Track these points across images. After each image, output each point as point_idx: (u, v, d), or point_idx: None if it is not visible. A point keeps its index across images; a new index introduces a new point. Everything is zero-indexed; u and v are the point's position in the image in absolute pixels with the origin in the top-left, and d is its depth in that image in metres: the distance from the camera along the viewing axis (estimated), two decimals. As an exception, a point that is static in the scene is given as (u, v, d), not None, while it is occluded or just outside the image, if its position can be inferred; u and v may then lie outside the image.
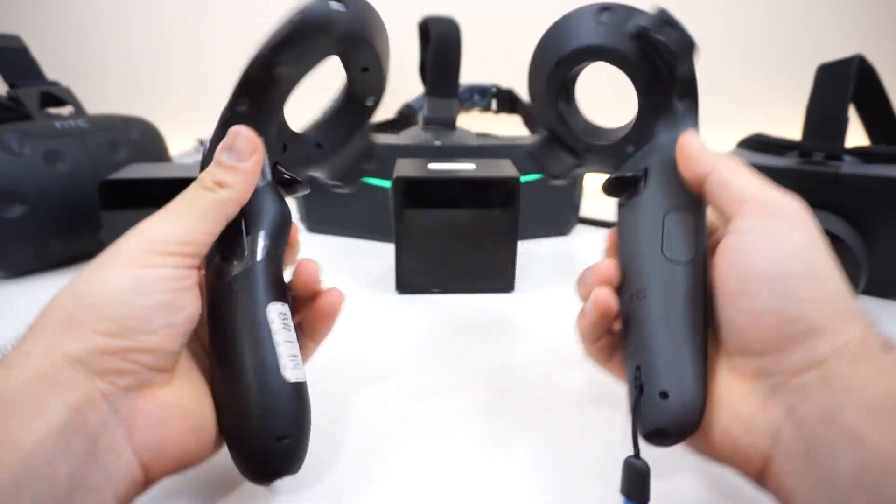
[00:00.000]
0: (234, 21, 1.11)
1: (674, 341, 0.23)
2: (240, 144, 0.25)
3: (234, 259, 0.25)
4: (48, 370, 0.19)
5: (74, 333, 0.20)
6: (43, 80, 0.63)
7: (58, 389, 0.19)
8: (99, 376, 0.20)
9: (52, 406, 0.19)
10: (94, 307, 0.21)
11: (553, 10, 0.31)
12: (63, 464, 0.18)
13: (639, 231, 0.27)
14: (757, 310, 0.21)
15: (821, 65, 0.53)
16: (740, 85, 1.07)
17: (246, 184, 0.25)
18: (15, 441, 0.18)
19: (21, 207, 0.53)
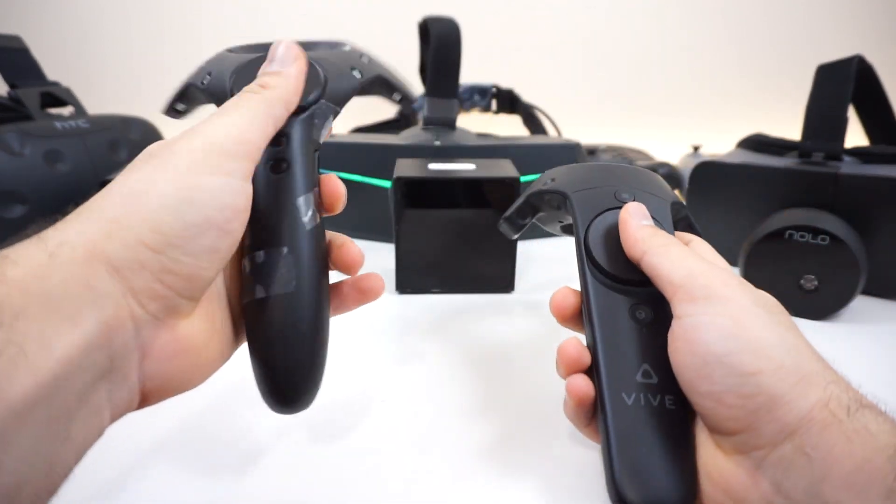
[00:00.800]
0: (234, 21, 1.11)
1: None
2: (281, 53, 0.25)
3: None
4: (88, 275, 0.18)
5: (120, 237, 0.19)
6: (43, 80, 0.63)
7: (94, 300, 0.18)
8: (132, 294, 0.19)
9: (87, 318, 0.18)
10: (144, 213, 0.20)
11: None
12: (80, 380, 0.17)
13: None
14: (716, 391, 0.21)
15: (820, 65, 0.53)
16: (740, 85, 1.07)
17: (291, 86, 0.25)
18: (49, 346, 0.17)
19: (21, 207, 0.53)
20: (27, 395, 0.16)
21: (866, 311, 0.48)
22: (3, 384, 0.15)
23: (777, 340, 0.21)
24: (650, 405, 0.24)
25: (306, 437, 0.32)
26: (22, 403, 0.16)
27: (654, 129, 1.10)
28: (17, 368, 0.16)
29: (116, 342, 0.19)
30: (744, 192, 0.52)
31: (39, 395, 0.16)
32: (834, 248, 0.44)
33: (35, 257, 0.18)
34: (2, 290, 0.17)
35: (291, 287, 0.24)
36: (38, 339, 0.16)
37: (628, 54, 1.10)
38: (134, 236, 0.19)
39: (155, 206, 0.20)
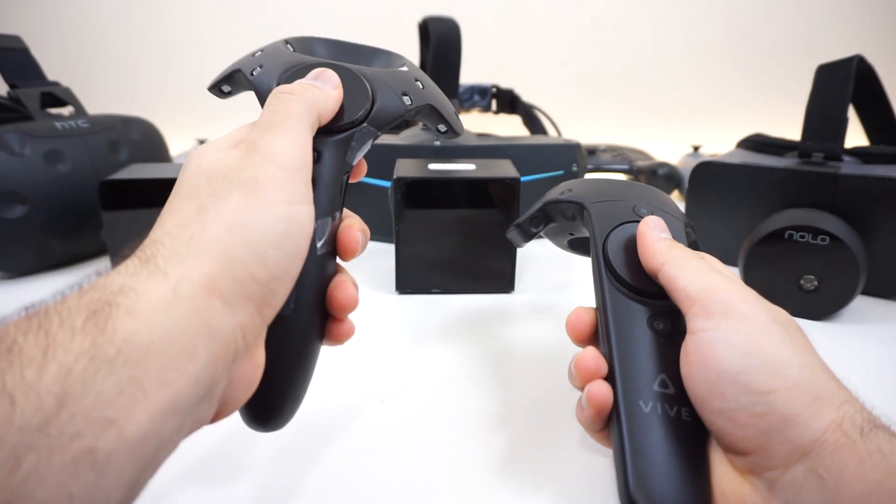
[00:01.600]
0: (234, 21, 1.11)
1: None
2: (322, 75, 0.26)
3: None
4: (206, 311, 0.18)
5: (231, 273, 0.19)
6: (43, 80, 0.63)
7: (209, 336, 0.18)
8: (240, 328, 0.20)
9: (201, 353, 0.18)
10: (252, 246, 0.20)
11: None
12: (185, 410, 0.18)
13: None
14: (729, 409, 0.21)
15: (820, 65, 0.53)
16: (740, 85, 1.07)
17: (329, 99, 0.25)
18: (166, 383, 0.17)
19: (21, 208, 0.53)
20: (142, 430, 0.16)
21: (866, 311, 0.48)
22: (123, 420, 0.15)
23: (793, 359, 0.21)
24: (666, 415, 0.23)
25: (306, 437, 0.32)
26: (136, 438, 0.16)
27: (654, 129, 1.10)
28: (136, 406, 0.16)
29: (218, 373, 0.19)
30: (744, 192, 0.52)
31: (152, 430, 0.16)
32: (834, 249, 0.44)
33: (159, 293, 0.18)
34: (131, 325, 0.17)
35: (289, 310, 0.23)
36: (158, 376, 0.17)
37: (629, 54, 1.10)
38: (245, 271, 0.20)
39: (261, 239, 0.20)
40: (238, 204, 0.21)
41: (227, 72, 0.29)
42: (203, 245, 0.20)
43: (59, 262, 0.58)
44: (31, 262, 0.55)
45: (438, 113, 0.30)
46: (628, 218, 0.31)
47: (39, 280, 0.55)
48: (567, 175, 0.65)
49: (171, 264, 0.19)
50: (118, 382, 0.16)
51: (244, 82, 0.29)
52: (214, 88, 0.30)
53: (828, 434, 0.19)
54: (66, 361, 0.15)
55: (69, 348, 0.16)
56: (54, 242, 0.56)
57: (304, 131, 0.23)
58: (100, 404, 0.15)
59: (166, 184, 0.53)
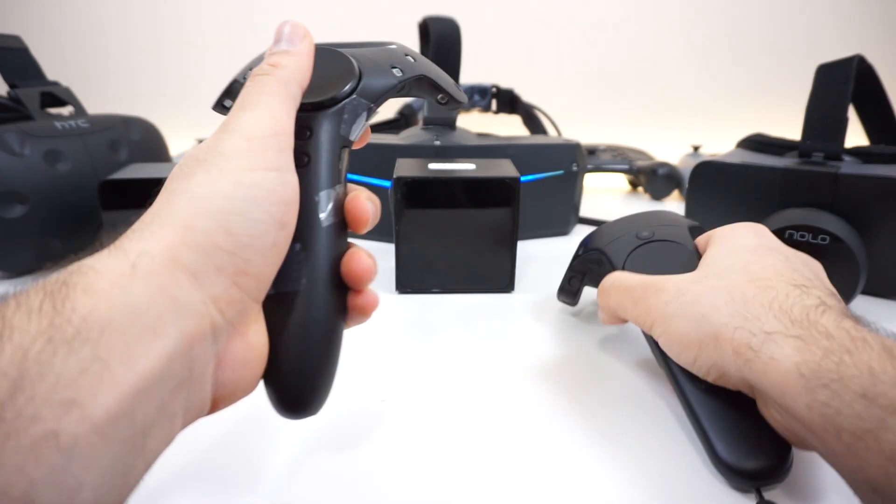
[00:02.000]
0: (234, 21, 1.11)
1: None
2: (287, 32, 0.25)
3: None
4: (170, 285, 0.18)
5: (194, 243, 0.19)
6: (43, 80, 0.63)
7: (176, 311, 0.18)
8: (213, 301, 0.19)
9: (169, 330, 0.18)
10: (214, 216, 0.20)
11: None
12: (161, 391, 0.17)
13: None
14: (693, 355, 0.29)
15: (821, 65, 0.53)
16: (740, 85, 1.07)
17: (302, 64, 0.24)
18: (127, 360, 0.16)
19: (21, 207, 0.53)
20: (110, 411, 0.15)
21: (866, 311, 0.47)
22: (88, 401, 0.15)
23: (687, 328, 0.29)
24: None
25: (305, 437, 0.32)
26: (105, 420, 0.15)
27: (654, 129, 1.10)
28: (100, 385, 0.15)
29: (196, 352, 0.19)
30: (744, 191, 0.52)
31: (121, 410, 0.16)
32: (834, 248, 0.44)
33: (118, 268, 0.18)
34: (89, 303, 0.16)
35: (300, 286, 0.23)
36: (122, 354, 0.16)
37: (628, 54, 1.10)
38: (208, 240, 0.19)
39: (222, 207, 0.20)
40: (200, 178, 0.21)
41: (226, 87, 0.29)
42: (163, 220, 0.20)
43: (58, 263, 0.58)
44: (30, 262, 0.55)
45: (434, 83, 0.30)
46: (634, 245, 0.39)
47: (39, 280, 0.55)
48: (567, 175, 0.65)
49: (131, 243, 0.19)
50: (79, 362, 0.15)
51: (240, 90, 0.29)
52: (218, 106, 0.30)
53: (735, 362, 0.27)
54: (22, 343, 0.15)
55: (26, 330, 0.15)
56: (54, 242, 0.56)
57: (277, 104, 0.23)
58: (60, 386, 0.15)
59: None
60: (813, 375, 0.21)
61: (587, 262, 0.43)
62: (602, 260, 0.41)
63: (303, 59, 0.24)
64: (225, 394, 0.21)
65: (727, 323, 0.26)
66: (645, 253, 0.39)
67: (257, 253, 0.20)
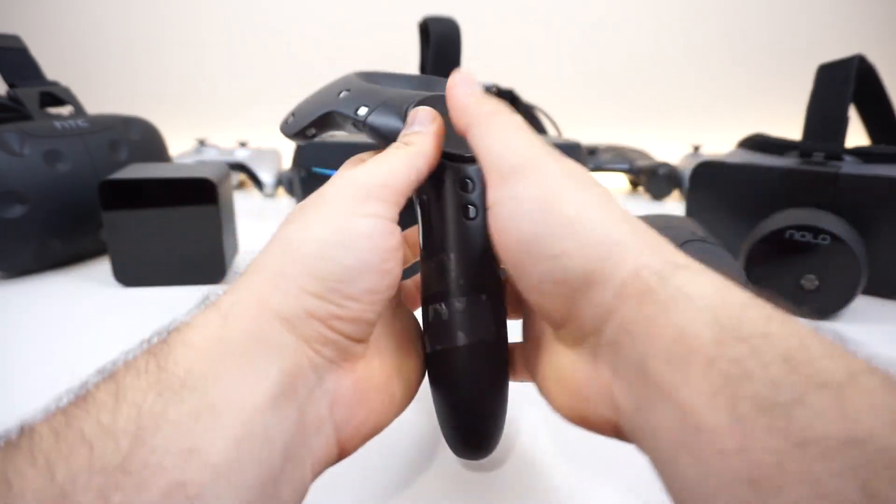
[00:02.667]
0: (234, 22, 1.11)
1: None
2: (421, 117, 0.25)
3: None
4: (260, 329, 0.19)
5: (284, 288, 0.19)
6: (43, 79, 0.63)
7: (271, 351, 0.18)
8: (305, 342, 0.20)
9: (269, 370, 0.18)
10: (303, 261, 0.20)
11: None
12: (278, 433, 0.17)
13: None
14: (533, 283, 0.20)
15: (821, 65, 0.53)
16: (740, 85, 1.07)
17: (432, 143, 0.24)
18: (235, 402, 0.16)
19: (21, 207, 0.53)
20: (229, 455, 0.16)
21: (867, 311, 0.48)
22: (206, 447, 0.15)
23: (584, 213, 0.19)
24: None
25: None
26: (225, 465, 0.15)
27: (654, 129, 1.10)
28: (215, 430, 0.16)
29: (301, 391, 0.19)
30: (744, 192, 0.52)
31: (241, 454, 0.16)
32: (835, 248, 0.44)
33: (212, 321, 0.18)
34: (189, 356, 0.17)
35: (492, 334, 0.24)
36: (228, 398, 0.17)
37: (629, 54, 1.10)
38: (296, 285, 0.20)
39: (312, 252, 0.20)
40: (298, 223, 0.21)
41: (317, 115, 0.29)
42: (257, 269, 0.20)
43: (58, 262, 0.58)
44: (30, 262, 0.55)
45: None
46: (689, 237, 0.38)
47: (39, 280, 0.55)
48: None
49: (226, 296, 0.20)
50: (191, 411, 0.16)
51: (340, 123, 0.29)
52: (300, 135, 0.30)
53: (628, 287, 0.18)
54: (135, 400, 0.16)
55: (137, 388, 0.16)
56: (54, 242, 0.56)
57: (398, 163, 0.23)
58: (177, 435, 0.15)
59: (166, 184, 0.54)
60: (732, 324, 0.15)
61: None
62: None
63: (432, 138, 0.25)
64: (348, 435, 0.21)
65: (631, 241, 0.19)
66: (699, 248, 0.38)
67: (350, 298, 0.20)
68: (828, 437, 0.13)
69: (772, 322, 0.15)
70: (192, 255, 0.52)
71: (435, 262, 0.25)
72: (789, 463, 0.13)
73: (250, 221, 0.77)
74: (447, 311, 0.24)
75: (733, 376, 0.15)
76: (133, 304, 0.49)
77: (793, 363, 0.14)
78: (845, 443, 0.13)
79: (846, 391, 0.13)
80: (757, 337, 0.15)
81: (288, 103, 0.30)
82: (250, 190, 0.99)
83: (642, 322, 0.17)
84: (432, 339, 0.25)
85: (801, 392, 0.14)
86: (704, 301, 0.16)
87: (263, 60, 1.10)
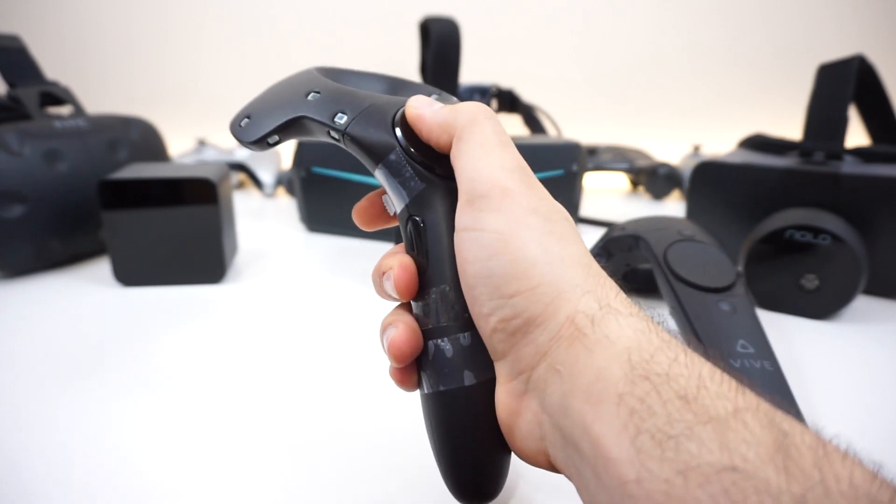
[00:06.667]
0: (233, 22, 1.11)
1: None
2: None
3: None
4: None
5: None
6: (42, 79, 0.62)
7: None
8: None
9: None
10: None
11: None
12: None
13: None
14: (484, 311, 0.21)
15: (821, 65, 0.53)
16: (740, 85, 1.07)
17: None
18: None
19: (21, 207, 0.52)
20: None
21: (867, 311, 0.48)
22: None
23: (541, 256, 0.20)
24: None
25: (306, 438, 0.32)
26: None
27: (654, 129, 1.10)
28: None
29: None
30: (744, 191, 0.52)
31: None
32: (835, 248, 0.44)
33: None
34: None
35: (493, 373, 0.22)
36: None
37: (629, 54, 1.10)
38: None
39: None
40: None
41: (282, 121, 0.25)
42: None
43: (58, 262, 0.58)
44: (30, 262, 0.55)
45: None
46: (677, 238, 0.41)
47: (38, 280, 0.55)
48: (567, 175, 0.65)
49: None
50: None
51: (311, 130, 0.25)
52: (261, 143, 0.25)
53: (563, 330, 0.19)
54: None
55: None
56: (53, 242, 0.56)
57: None
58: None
59: (166, 184, 0.54)
60: (641, 365, 0.17)
61: (619, 243, 0.45)
62: (637, 245, 0.43)
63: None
64: None
65: (579, 284, 0.20)
66: (686, 247, 0.41)
67: None
68: (708, 464, 0.14)
69: (676, 364, 0.17)
70: (191, 255, 0.52)
71: (435, 293, 0.22)
72: (674, 489, 0.15)
73: (250, 221, 0.76)
74: (451, 348, 0.22)
75: (637, 411, 0.16)
76: (133, 304, 0.49)
77: (687, 400, 0.16)
78: (722, 470, 0.14)
79: (729, 425, 0.15)
80: (661, 377, 0.17)
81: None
82: (250, 190, 0.99)
83: (569, 363, 0.19)
84: (434, 379, 0.23)
85: (690, 426, 0.15)
86: (623, 343, 0.18)
87: (263, 60, 1.10)
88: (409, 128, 0.23)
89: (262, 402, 0.35)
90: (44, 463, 0.29)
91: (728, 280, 0.38)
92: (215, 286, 0.53)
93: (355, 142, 0.24)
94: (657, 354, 0.18)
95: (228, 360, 0.40)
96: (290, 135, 0.26)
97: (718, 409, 0.16)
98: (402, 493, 0.28)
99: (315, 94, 0.25)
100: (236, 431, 0.32)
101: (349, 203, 0.27)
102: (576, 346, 0.19)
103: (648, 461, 0.15)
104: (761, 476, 0.14)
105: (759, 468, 0.14)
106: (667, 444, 0.15)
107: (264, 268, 0.58)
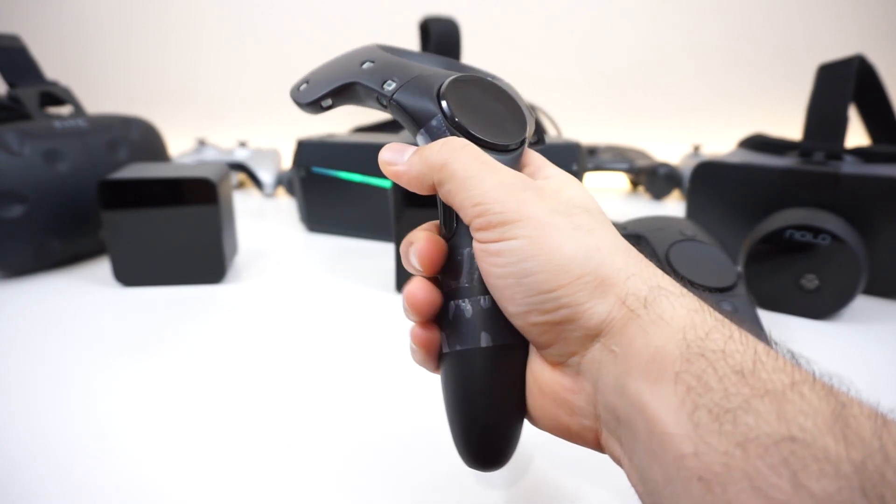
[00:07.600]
0: (233, 22, 1.11)
1: None
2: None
3: None
4: None
5: None
6: (42, 79, 0.63)
7: None
8: None
9: None
10: None
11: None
12: None
13: None
14: (521, 312, 0.21)
15: (821, 65, 0.53)
16: (740, 85, 1.07)
17: None
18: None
19: (21, 207, 0.52)
20: None
21: (867, 311, 0.48)
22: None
23: (577, 249, 0.21)
24: None
25: (306, 438, 0.32)
26: None
27: (654, 128, 1.10)
28: None
29: None
30: (744, 191, 0.52)
31: None
32: (835, 248, 0.44)
33: None
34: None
35: (517, 337, 0.22)
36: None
37: (629, 54, 1.10)
38: None
39: None
40: None
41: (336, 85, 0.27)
42: None
43: (58, 262, 0.58)
44: (30, 262, 0.55)
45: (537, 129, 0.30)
46: (678, 238, 0.42)
47: (38, 280, 0.55)
48: (567, 175, 0.65)
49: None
50: None
51: (361, 97, 0.27)
52: (314, 105, 0.27)
53: (614, 313, 0.20)
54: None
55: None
56: (53, 242, 0.56)
57: None
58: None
59: (166, 184, 0.54)
60: (696, 343, 0.18)
61: None
62: (638, 245, 0.42)
63: None
64: None
65: (622, 268, 0.21)
66: (688, 247, 0.41)
67: None
68: (766, 435, 0.15)
69: (731, 341, 0.18)
70: (191, 255, 0.52)
71: (458, 255, 0.23)
72: (733, 461, 0.15)
73: (250, 221, 0.77)
74: (471, 308, 0.23)
75: (694, 388, 0.17)
76: (133, 303, 0.49)
77: (743, 375, 0.16)
78: (780, 440, 0.15)
79: (787, 397, 0.16)
80: (717, 353, 0.17)
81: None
82: (250, 190, 0.99)
83: (624, 343, 0.19)
84: (452, 339, 0.23)
85: (747, 399, 0.16)
86: (678, 323, 0.19)
87: (263, 60, 1.10)
88: (453, 98, 0.24)
89: (263, 403, 0.35)
90: (44, 463, 0.29)
91: (730, 280, 0.39)
92: (215, 286, 0.53)
93: (400, 107, 0.25)
94: (712, 332, 0.18)
95: (228, 360, 0.40)
96: (342, 100, 0.27)
97: (775, 383, 0.16)
98: (402, 493, 0.28)
99: (370, 63, 0.26)
100: (236, 431, 0.32)
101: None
102: (630, 326, 0.19)
103: (707, 435, 0.16)
104: (820, 444, 0.14)
105: (818, 437, 0.14)
106: (724, 417, 0.16)
107: (264, 268, 0.58)
